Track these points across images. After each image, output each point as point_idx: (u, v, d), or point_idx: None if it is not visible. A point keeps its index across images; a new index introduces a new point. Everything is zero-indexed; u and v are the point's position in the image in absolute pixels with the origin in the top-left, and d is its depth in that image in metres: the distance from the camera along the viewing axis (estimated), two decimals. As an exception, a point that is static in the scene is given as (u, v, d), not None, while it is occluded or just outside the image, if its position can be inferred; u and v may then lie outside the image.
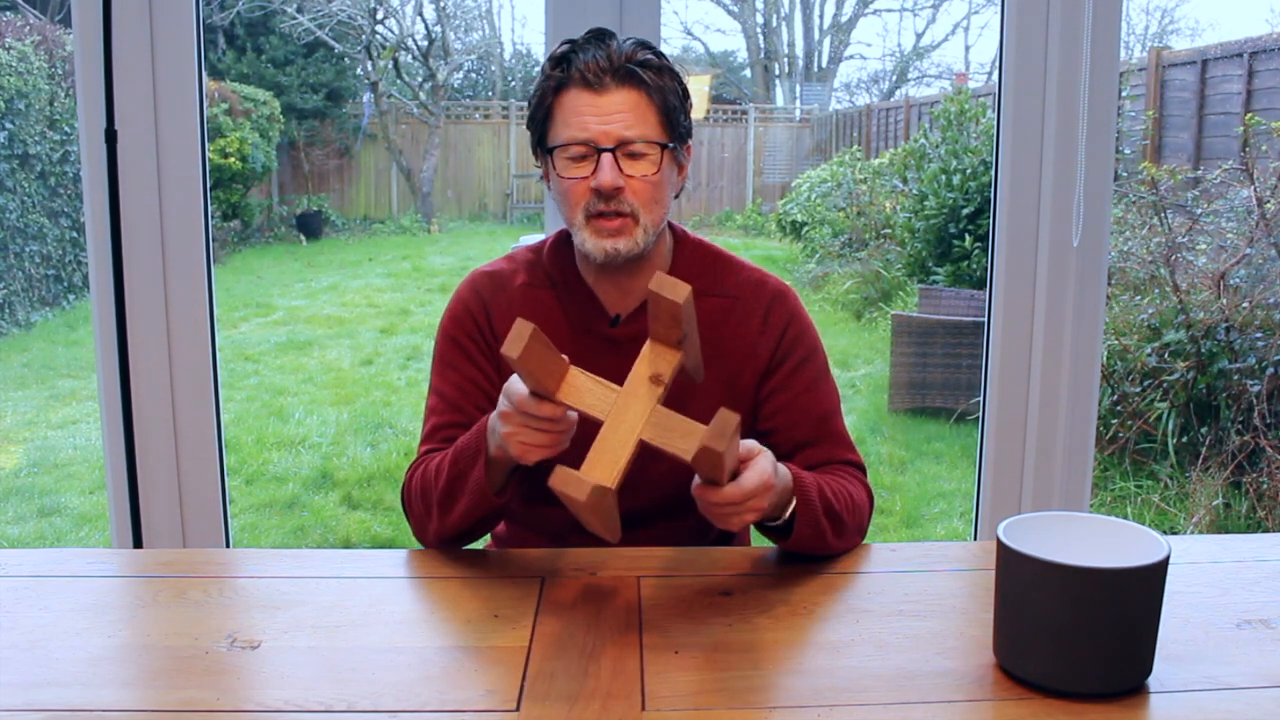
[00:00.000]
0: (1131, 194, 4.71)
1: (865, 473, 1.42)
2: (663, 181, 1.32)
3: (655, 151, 1.31)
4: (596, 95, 1.29)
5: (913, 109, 9.16)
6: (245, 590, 1.21)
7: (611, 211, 1.30)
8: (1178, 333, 3.98)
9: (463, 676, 1.02)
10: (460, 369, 1.40)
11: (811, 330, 1.44)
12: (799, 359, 1.40)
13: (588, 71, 1.29)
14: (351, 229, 10.77)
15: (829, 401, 1.42)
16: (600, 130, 1.29)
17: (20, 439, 4.85)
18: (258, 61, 10.54)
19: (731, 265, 1.44)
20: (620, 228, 1.30)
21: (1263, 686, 1.00)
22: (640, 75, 1.30)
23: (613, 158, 1.29)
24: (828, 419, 1.41)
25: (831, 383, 1.44)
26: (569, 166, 1.31)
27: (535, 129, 1.36)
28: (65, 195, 6.80)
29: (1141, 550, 0.99)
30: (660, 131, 1.31)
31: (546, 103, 1.33)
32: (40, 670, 1.03)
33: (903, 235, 6.58)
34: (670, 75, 1.34)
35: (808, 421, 1.39)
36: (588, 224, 1.31)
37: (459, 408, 1.38)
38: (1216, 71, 5.21)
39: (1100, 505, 3.76)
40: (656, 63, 1.32)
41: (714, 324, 1.38)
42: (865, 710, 0.96)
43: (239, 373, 5.88)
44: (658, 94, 1.31)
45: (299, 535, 3.89)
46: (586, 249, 1.32)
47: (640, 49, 1.32)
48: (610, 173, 1.28)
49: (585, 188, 1.30)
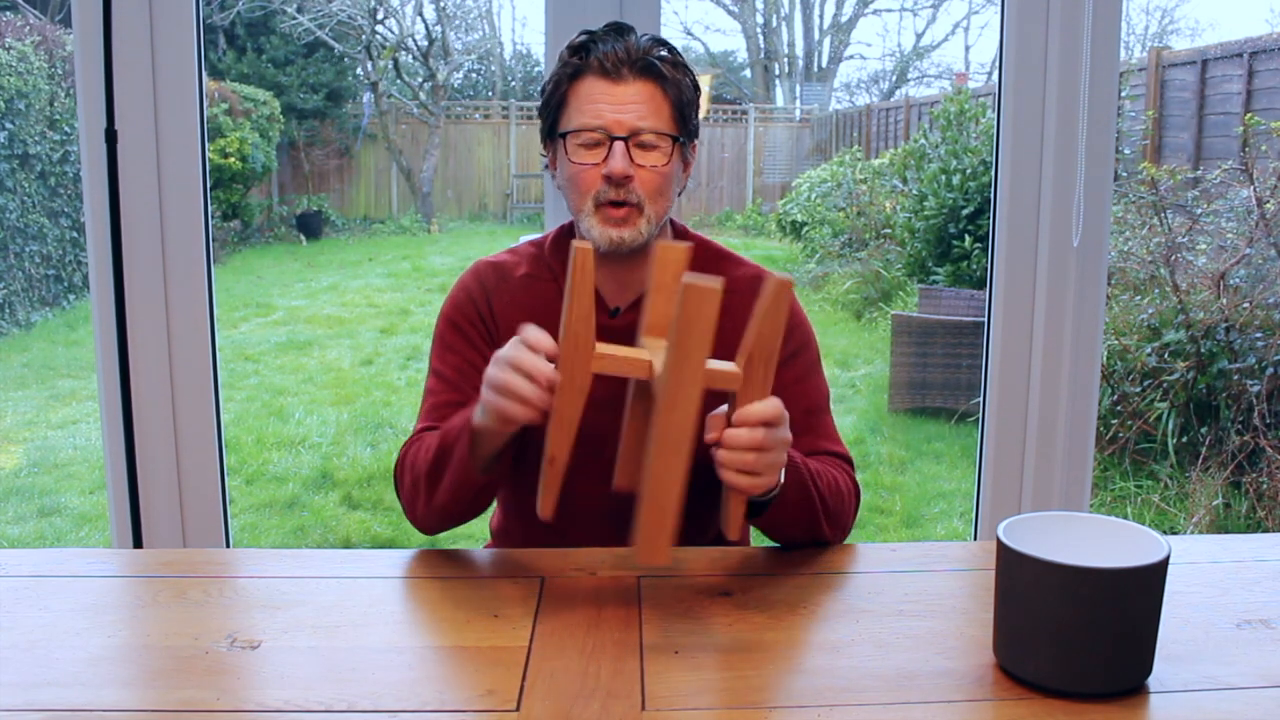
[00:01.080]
0: (1131, 194, 4.71)
1: (852, 465, 1.42)
2: (671, 174, 1.34)
3: (666, 144, 1.32)
4: (613, 84, 1.31)
5: (913, 109, 9.16)
6: (245, 590, 1.21)
7: (620, 200, 1.31)
8: (1178, 333, 3.98)
9: (463, 676, 1.02)
10: (460, 352, 1.41)
11: (806, 325, 1.45)
12: (791, 351, 1.41)
13: (606, 61, 1.31)
14: (351, 229, 10.77)
15: (818, 395, 1.43)
16: (614, 118, 1.30)
17: (20, 439, 4.85)
18: (258, 61, 10.54)
19: (731, 261, 1.45)
20: (626, 217, 1.32)
21: (1263, 686, 1.00)
22: (658, 68, 1.32)
23: (625, 146, 1.30)
24: (815, 412, 1.41)
25: (822, 379, 1.45)
26: (580, 152, 1.32)
27: (547, 115, 1.37)
28: (65, 195, 6.80)
29: (1141, 550, 0.99)
30: (673, 125, 1.33)
31: (562, 89, 1.34)
32: (40, 670, 1.03)
33: (903, 235, 6.59)
34: (685, 72, 1.36)
35: (794, 413, 1.38)
36: (596, 212, 1.32)
37: (457, 387, 1.39)
38: (1216, 71, 5.21)
39: (1100, 505, 3.76)
40: (673, 59, 1.34)
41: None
42: (865, 710, 0.96)
43: (239, 373, 5.88)
44: (673, 88, 1.33)
45: (299, 535, 3.89)
46: (592, 236, 1.33)
47: (658, 45, 1.34)
48: (622, 160, 1.30)
49: (595, 175, 1.31)
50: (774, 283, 1.03)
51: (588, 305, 1.05)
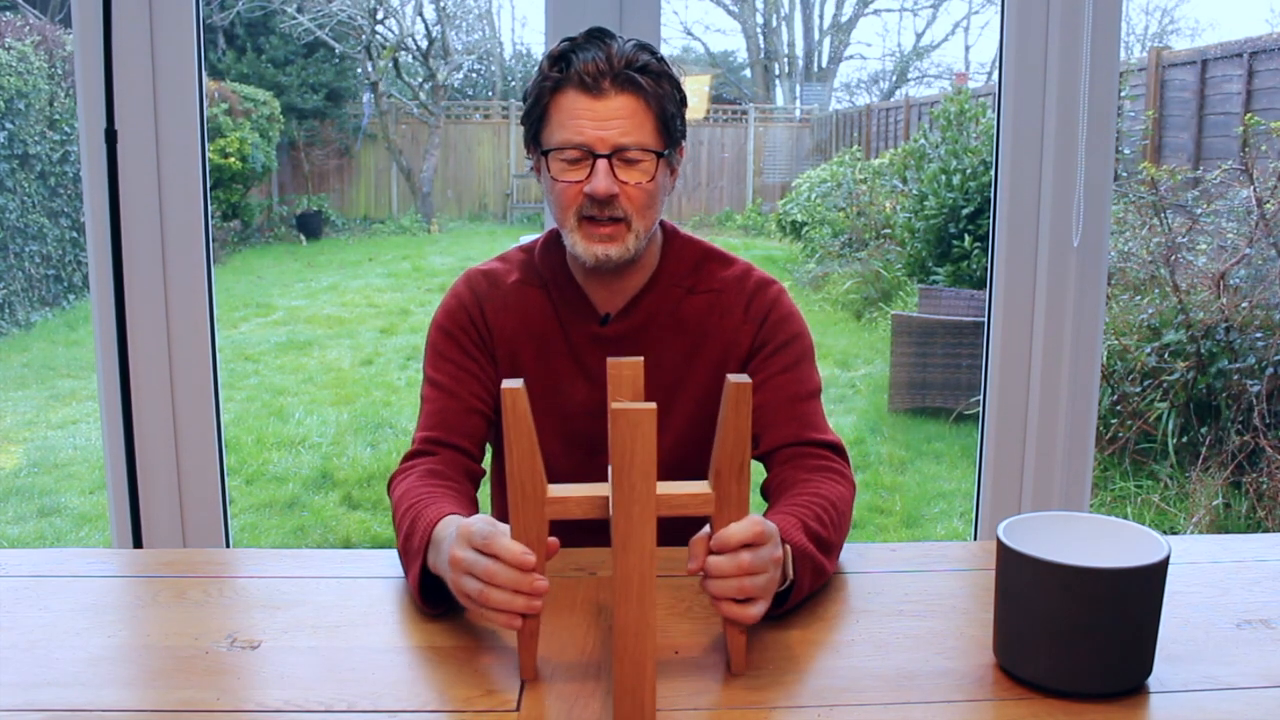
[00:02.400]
0: (1131, 194, 4.71)
1: (844, 455, 1.36)
2: (657, 188, 1.32)
3: (650, 159, 1.30)
4: (594, 100, 1.28)
5: (913, 109, 9.16)
6: (245, 590, 1.21)
7: (605, 217, 1.29)
8: (1178, 333, 3.98)
9: (463, 676, 1.02)
10: (455, 360, 1.40)
11: (795, 319, 1.42)
12: (780, 343, 1.39)
13: (586, 74, 1.27)
14: (351, 229, 10.78)
15: (806, 385, 1.38)
16: (596, 136, 1.27)
17: (20, 439, 4.84)
18: (258, 61, 10.54)
19: (719, 260, 1.44)
20: (612, 234, 1.30)
21: (1263, 686, 1.00)
22: (639, 81, 1.28)
23: (608, 164, 1.28)
24: (800, 400, 1.37)
25: (813, 370, 1.41)
26: (563, 170, 1.30)
27: (530, 126, 1.35)
28: (65, 195, 6.80)
29: (1141, 550, 0.99)
30: (656, 139, 1.30)
31: (543, 102, 1.32)
32: (40, 670, 1.03)
33: (903, 235, 6.59)
34: (669, 81, 1.32)
35: (778, 401, 1.36)
36: (579, 227, 1.31)
37: (454, 394, 1.38)
38: (1216, 71, 5.21)
39: (1100, 505, 3.76)
40: (656, 67, 1.31)
41: (699, 319, 1.39)
42: (865, 710, 0.96)
43: (239, 373, 5.88)
44: (655, 101, 1.30)
45: (299, 535, 3.89)
46: (577, 252, 1.32)
47: (640, 51, 1.30)
48: (605, 180, 1.27)
49: (578, 191, 1.29)
50: (733, 387, 0.93)
51: (528, 449, 0.95)
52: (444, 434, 1.36)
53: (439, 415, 1.38)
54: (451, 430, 1.37)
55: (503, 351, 1.40)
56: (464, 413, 1.38)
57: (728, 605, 1.00)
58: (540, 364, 1.40)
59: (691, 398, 1.39)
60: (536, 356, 1.40)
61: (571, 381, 1.39)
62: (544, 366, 1.40)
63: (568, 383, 1.39)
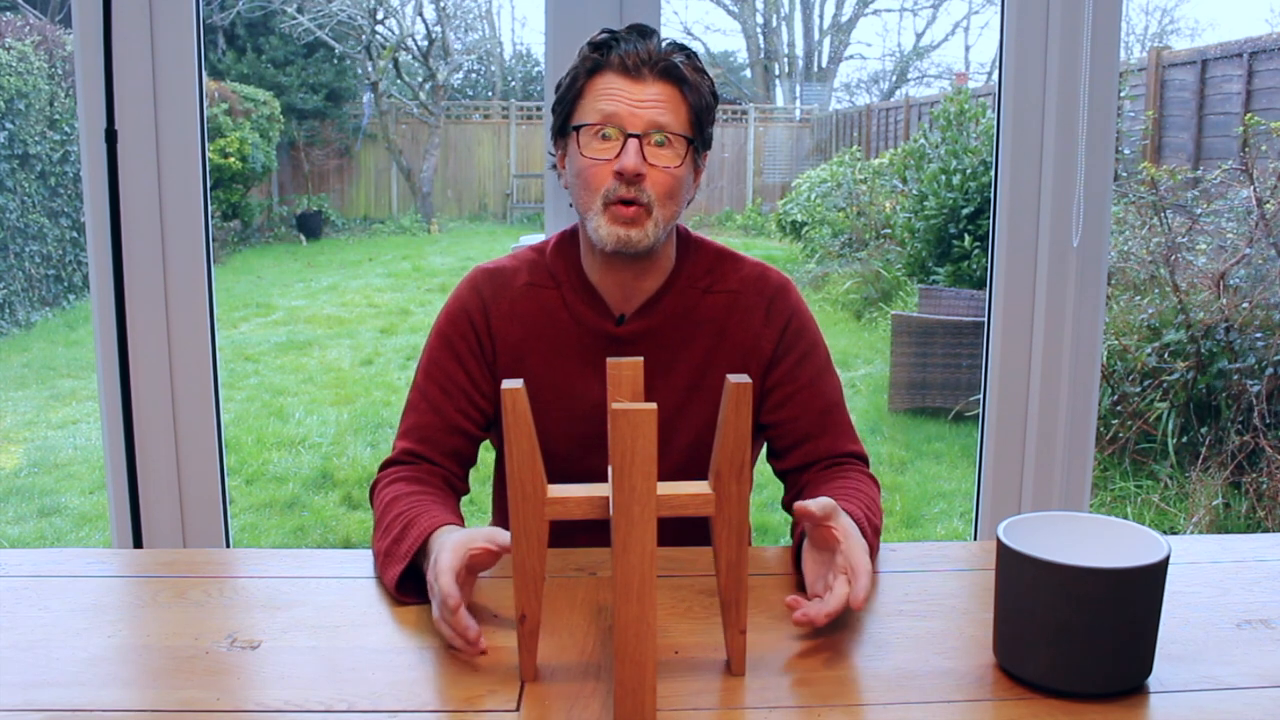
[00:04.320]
0: (1131, 194, 4.72)
1: (868, 464, 1.44)
2: (683, 177, 1.32)
3: (681, 145, 1.31)
4: (632, 82, 1.29)
5: (913, 109, 9.16)
6: (245, 590, 1.21)
7: (630, 199, 1.29)
8: (1178, 333, 3.98)
9: (463, 676, 1.02)
10: (446, 370, 1.40)
11: (812, 324, 1.46)
12: (802, 352, 1.42)
13: (627, 59, 1.29)
14: (351, 229, 10.77)
15: (832, 394, 1.43)
16: (631, 113, 1.28)
17: (20, 439, 4.85)
18: (258, 61, 10.54)
19: (733, 261, 1.45)
20: (635, 216, 1.29)
21: (1263, 686, 1.00)
22: (679, 71, 1.30)
23: (639, 144, 1.28)
24: (831, 411, 1.42)
25: (834, 375, 1.46)
26: (594, 146, 1.30)
27: (561, 109, 1.35)
28: (65, 195, 6.80)
29: (1141, 550, 0.99)
30: (689, 127, 1.32)
31: (579, 84, 1.32)
32: (40, 670, 1.03)
33: (903, 235, 6.59)
34: (706, 78, 1.34)
35: (811, 414, 1.41)
36: (604, 210, 1.30)
37: (438, 410, 1.38)
38: (1216, 71, 5.21)
39: (1100, 505, 3.76)
40: (694, 64, 1.33)
41: (718, 319, 1.40)
42: (865, 710, 0.96)
43: (239, 373, 5.88)
44: (693, 92, 1.31)
45: (299, 535, 3.89)
46: (600, 235, 1.30)
47: (680, 50, 1.33)
48: (635, 157, 1.27)
49: (607, 171, 1.29)
50: (733, 387, 0.93)
51: (528, 449, 0.95)
52: (425, 449, 1.37)
53: (420, 431, 1.38)
54: (432, 447, 1.38)
55: (505, 356, 1.40)
56: (446, 430, 1.38)
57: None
58: (551, 365, 1.39)
59: (709, 399, 1.39)
60: (547, 358, 1.39)
61: (584, 382, 1.38)
62: (555, 367, 1.39)
63: (580, 383, 1.38)
